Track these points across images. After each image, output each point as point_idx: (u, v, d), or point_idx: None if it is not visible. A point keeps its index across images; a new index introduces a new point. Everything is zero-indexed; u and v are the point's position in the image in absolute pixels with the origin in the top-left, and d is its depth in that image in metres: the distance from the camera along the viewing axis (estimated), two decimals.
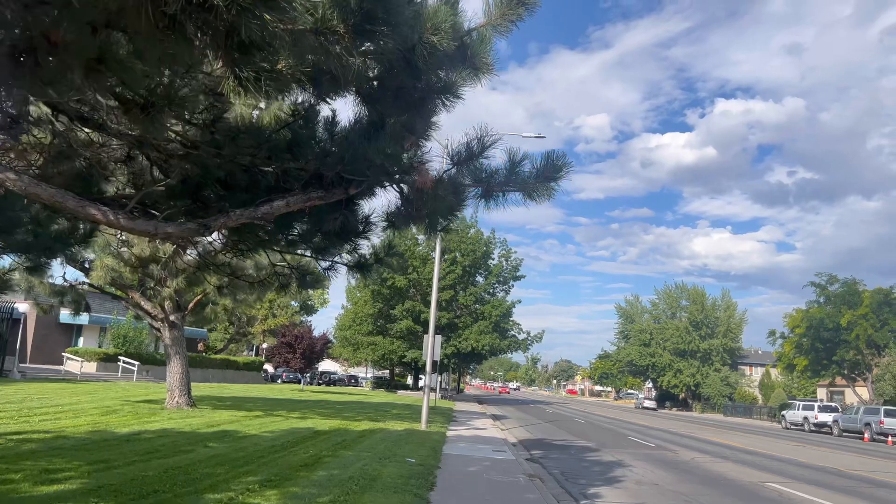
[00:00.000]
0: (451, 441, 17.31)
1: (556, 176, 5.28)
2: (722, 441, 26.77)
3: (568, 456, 17.48)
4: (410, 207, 5.07)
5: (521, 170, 5.26)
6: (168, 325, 19.71)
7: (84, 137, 5.54)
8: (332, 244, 5.55)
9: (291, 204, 4.35)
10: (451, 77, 4.19)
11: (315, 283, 6.73)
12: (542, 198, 5.35)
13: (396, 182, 4.78)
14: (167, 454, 11.28)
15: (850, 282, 48.94)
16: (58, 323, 41.67)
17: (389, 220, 5.24)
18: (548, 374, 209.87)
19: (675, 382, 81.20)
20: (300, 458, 11.68)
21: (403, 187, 5.02)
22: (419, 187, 4.51)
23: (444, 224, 5.73)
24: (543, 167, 5.23)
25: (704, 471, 15.66)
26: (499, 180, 5.11)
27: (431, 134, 4.66)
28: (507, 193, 5.20)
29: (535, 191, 5.27)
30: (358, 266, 6.15)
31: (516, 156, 5.21)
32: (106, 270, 15.50)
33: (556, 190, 5.37)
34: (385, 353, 57.25)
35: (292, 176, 4.50)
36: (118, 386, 30.26)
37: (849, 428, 38.91)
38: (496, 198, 5.13)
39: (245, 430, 15.95)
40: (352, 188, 4.50)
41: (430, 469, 11.70)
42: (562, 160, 5.28)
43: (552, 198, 5.44)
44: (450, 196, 4.84)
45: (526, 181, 5.25)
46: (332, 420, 20.45)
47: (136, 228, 4.18)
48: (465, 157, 4.73)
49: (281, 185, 4.52)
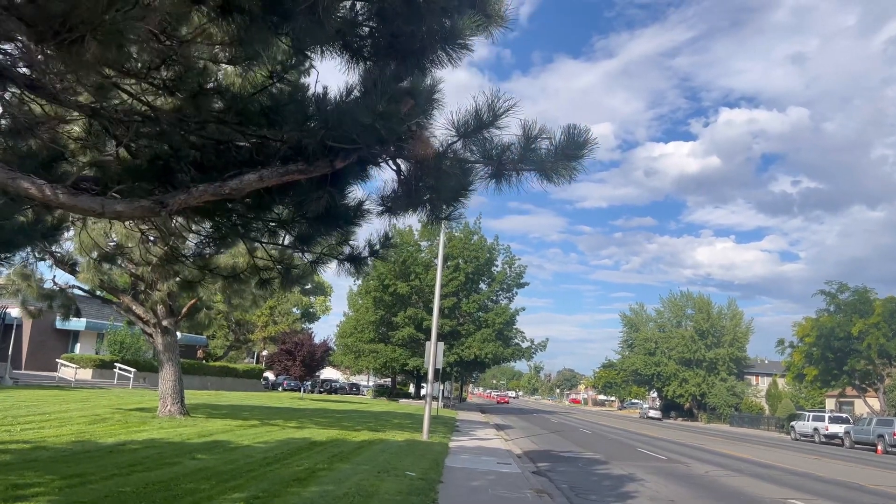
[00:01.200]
0: (454, 452, 16.55)
1: (577, 154, 4.57)
2: (733, 453, 25.93)
3: (576, 469, 16.70)
4: (409, 189, 4.36)
5: (538, 146, 4.54)
6: (160, 331, 18.99)
7: (39, 112, 4.86)
8: (319, 232, 4.83)
9: (266, 178, 3.65)
10: (458, 24, 3.49)
11: (301, 278, 5.99)
12: (561, 179, 4.64)
13: (391, 154, 4.06)
14: (151, 467, 10.55)
15: (861, 290, 48.00)
16: (54, 329, 41.01)
17: (385, 204, 4.53)
18: (551, 383, 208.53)
19: (681, 392, 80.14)
20: (293, 472, 10.93)
21: (400, 164, 4.32)
22: (418, 158, 3.80)
23: (449, 211, 5.01)
24: (563, 144, 4.52)
25: (720, 486, 14.86)
26: (512, 157, 4.39)
27: (434, 97, 3.95)
28: (521, 173, 4.49)
29: (553, 171, 4.56)
30: (350, 259, 5.41)
31: (532, 130, 4.49)
32: (94, 272, 14.81)
33: (577, 170, 4.66)
34: (387, 361, 56.44)
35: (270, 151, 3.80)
36: (112, 393, 29.54)
37: (861, 440, 37.97)
38: (508, 178, 4.41)
39: (238, 440, 15.22)
40: (338, 161, 3.80)
41: (432, 484, 10.95)
42: (584, 135, 4.56)
43: (573, 179, 4.73)
44: (455, 174, 4.12)
45: (543, 160, 4.53)
46: (329, 430, 19.69)
47: (79, 206, 3.49)
48: (474, 126, 4.01)
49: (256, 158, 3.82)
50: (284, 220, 4.69)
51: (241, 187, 3.62)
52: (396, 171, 4.28)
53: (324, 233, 4.84)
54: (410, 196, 4.39)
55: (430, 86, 3.88)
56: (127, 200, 3.63)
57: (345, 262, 5.39)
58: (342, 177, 4.18)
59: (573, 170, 4.59)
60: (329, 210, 4.22)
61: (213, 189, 3.60)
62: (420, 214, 5.00)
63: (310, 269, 5.70)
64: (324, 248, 5.25)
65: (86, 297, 23.44)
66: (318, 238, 4.93)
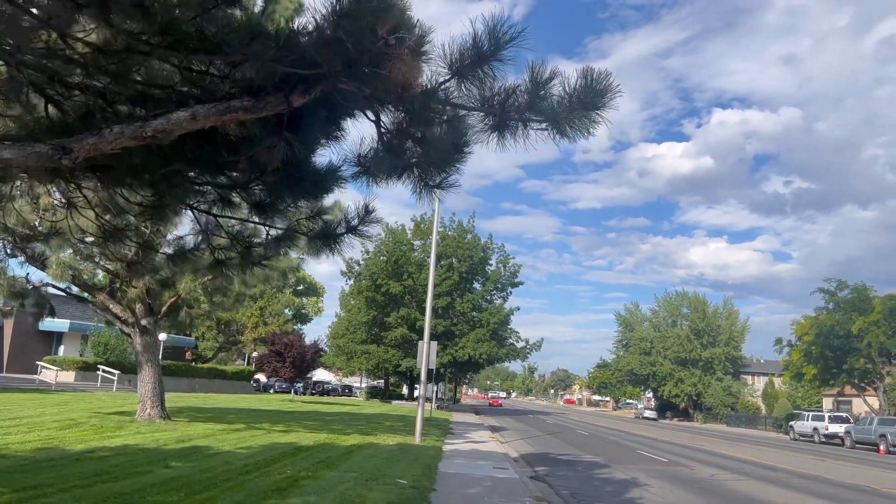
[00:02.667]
0: (448, 457, 15.71)
1: (596, 102, 3.75)
2: (735, 454, 25.18)
3: (576, 473, 15.89)
4: (391, 146, 3.53)
5: (548, 93, 3.71)
6: (139, 331, 18.06)
7: None
8: (280, 198, 4.00)
9: (201, 117, 2.84)
10: None
11: (265, 259, 5.10)
12: (577, 133, 3.82)
13: (366, 95, 3.21)
14: (117, 477, 9.66)
15: (860, 287, 47.27)
16: (36, 331, 39.95)
17: (361, 164, 3.70)
18: (545, 384, 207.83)
19: (677, 392, 79.49)
20: (273, 481, 10.06)
21: (380, 113, 3.48)
22: (399, 87, 2.96)
23: (441, 177, 4.18)
24: (580, 90, 3.70)
25: (728, 490, 14.08)
26: (517, 104, 3.56)
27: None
28: (528, 124, 3.65)
29: (568, 122, 3.73)
30: (323, 236, 4.57)
31: (542, 72, 3.66)
32: (63, 268, 13.90)
33: (596, 123, 3.83)
34: (379, 362, 55.51)
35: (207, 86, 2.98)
36: (94, 396, 28.59)
37: (862, 439, 37.29)
38: (513, 129, 3.58)
39: (218, 445, 14.33)
40: (295, 96, 2.99)
41: (424, 492, 10.11)
42: (605, 81, 3.74)
43: (592, 134, 3.89)
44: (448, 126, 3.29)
45: (556, 109, 3.70)
46: (318, 434, 18.81)
47: None
48: (471, 59, 3.18)
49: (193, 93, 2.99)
50: (237, 182, 3.85)
51: (168, 128, 2.80)
52: (375, 122, 3.45)
53: (287, 199, 4.01)
54: (393, 155, 3.56)
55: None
56: (18, 146, 2.81)
57: (316, 240, 4.55)
58: (305, 124, 3.36)
59: (591, 122, 3.77)
60: (291, 170, 3.40)
61: (133, 131, 2.79)
62: (406, 182, 4.16)
63: (274, 248, 4.82)
64: (291, 223, 4.42)
65: (63, 296, 22.52)
66: (281, 206, 4.10)
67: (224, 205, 4.25)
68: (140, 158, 3.31)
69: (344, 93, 3.14)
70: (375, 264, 54.76)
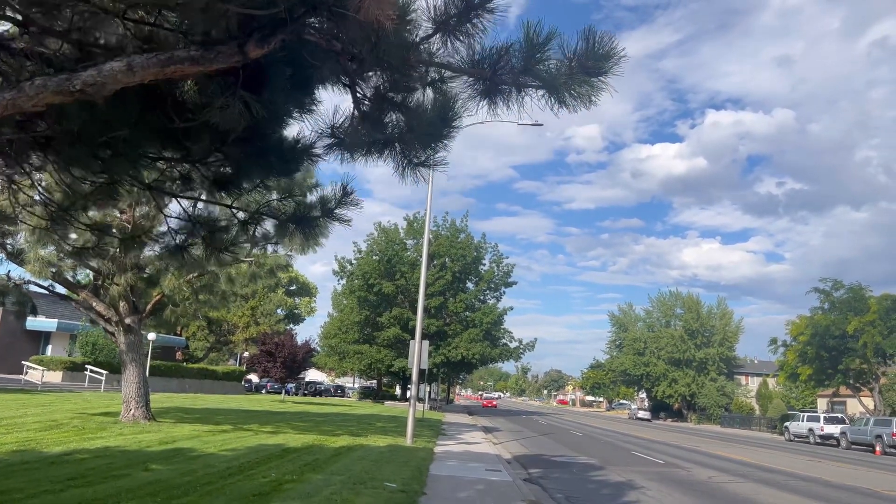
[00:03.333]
0: (440, 459, 15.31)
1: (600, 67, 3.36)
2: (731, 456, 24.86)
3: (570, 475, 15.51)
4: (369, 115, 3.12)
5: (546, 55, 3.31)
6: (123, 329, 17.57)
7: None
8: (244, 172, 3.58)
9: (138, 68, 2.44)
10: None
11: (232, 245, 4.65)
12: (577, 101, 3.43)
13: (330, 21, 2.77)
14: (92, 481, 9.23)
15: (856, 287, 46.97)
16: (24, 330, 39.31)
17: (336, 135, 3.29)
18: (538, 384, 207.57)
19: (670, 392, 79.24)
20: (255, 485, 9.64)
21: (356, 78, 3.08)
22: (370, 27, 2.55)
23: (426, 155, 3.78)
24: (581, 54, 3.30)
25: (727, 493, 13.72)
26: (511, 66, 3.16)
27: None
28: (523, 90, 3.26)
29: (567, 89, 3.34)
30: (297, 220, 4.15)
31: (538, 32, 3.27)
32: (41, 264, 13.43)
33: (599, 90, 3.43)
34: (372, 363, 55.04)
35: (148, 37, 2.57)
36: (80, 397, 28.07)
37: (858, 440, 37.03)
38: (506, 95, 3.18)
39: (203, 447, 13.89)
40: (252, 45, 2.58)
41: (413, 497, 9.71)
42: (608, 44, 3.35)
43: (594, 103, 3.50)
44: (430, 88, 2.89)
45: (554, 74, 3.30)
46: (307, 435, 18.38)
47: None
48: (458, 9, 2.78)
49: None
50: (193, 155, 3.42)
51: (100, 81, 2.39)
52: (350, 86, 3.05)
53: (252, 175, 3.59)
54: (372, 125, 3.16)
55: None
56: None
57: (289, 224, 4.13)
58: (269, 86, 2.95)
59: (593, 89, 3.38)
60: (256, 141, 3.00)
61: (58, 83, 2.38)
62: (388, 159, 3.75)
63: (241, 232, 4.38)
64: (260, 206, 4.00)
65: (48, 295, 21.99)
66: (246, 184, 3.69)
67: (183, 183, 3.82)
68: (79, 124, 2.90)
69: (311, 47, 2.72)
70: (368, 263, 54.30)
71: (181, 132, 3.12)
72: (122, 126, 2.89)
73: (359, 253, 56.65)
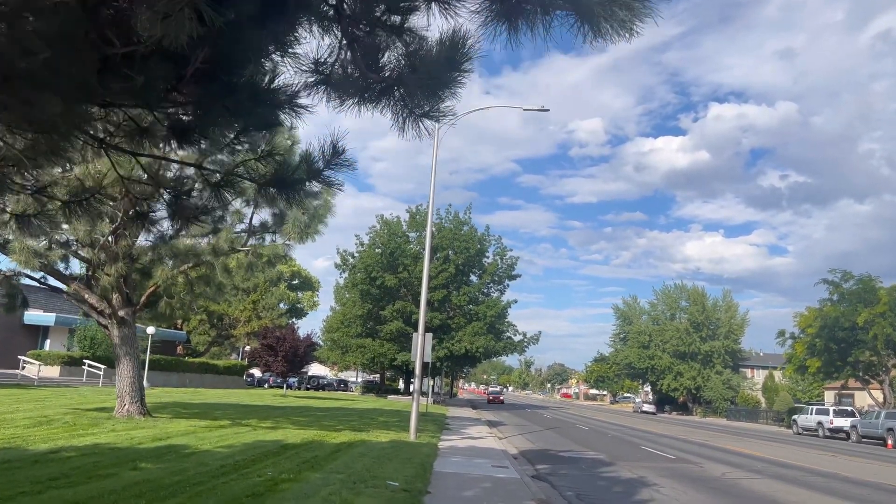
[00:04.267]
0: (444, 455, 14.76)
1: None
2: (743, 450, 24.28)
3: (579, 472, 14.96)
4: (359, 41, 2.52)
5: None
6: (116, 322, 17.01)
7: None
8: (209, 118, 2.97)
9: None
10: None
11: (203, 213, 4.02)
12: (616, 30, 2.81)
13: None
14: (75, 481, 8.68)
15: (866, 278, 46.22)
16: (22, 325, 38.85)
17: (319, 71, 2.70)
18: (541, 378, 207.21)
19: (676, 385, 78.64)
20: (249, 485, 9.08)
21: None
22: None
23: (430, 105, 3.17)
24: None
25: (744, 490, 13.15)
26: None
27: None
28: (551, 14, 2.65)
29: (604, 15, 2.72)
30: (278, 182, 3.54)
31: None
32: (27, 254, 12.85)
33: (643, 14, 2.82)
34: (375, 356, 54.50)
35: None
36: (77, 392, 27.59)
37: (869, 434, 36.41)
38: (529, 18, 2.57)
39: (197, 444, 13.35)
40: None
41: (417, 496, 9.16)
42: None
43: (635, 34, 2.89)
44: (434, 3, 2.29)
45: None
46: (307, 430, 17.83)
47: None
48: None
49: None
50: (142, 93, 2.79)
51: None
52: (335, 7, 2.45)
53: (215, 118, 2.98)
54: (363, 54, 2.56)
55: None
56: None
57: (269, 188, 3.52)
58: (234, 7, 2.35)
59: (636, 13, 2.75)
60: (221, 77, 2.40)
61: None
62: (385, 109, 3.15)
63: (213, 198, 3.76)
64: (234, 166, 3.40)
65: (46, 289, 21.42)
66: (213, 134, 3.09)
67: (137, 134, 3.19)
68: None
69: None
70: (370, 256, 53.70)
71: (123, 60, 2.52)
72: (41, 47, 2.27)
73: (361, 246, 56.05)
